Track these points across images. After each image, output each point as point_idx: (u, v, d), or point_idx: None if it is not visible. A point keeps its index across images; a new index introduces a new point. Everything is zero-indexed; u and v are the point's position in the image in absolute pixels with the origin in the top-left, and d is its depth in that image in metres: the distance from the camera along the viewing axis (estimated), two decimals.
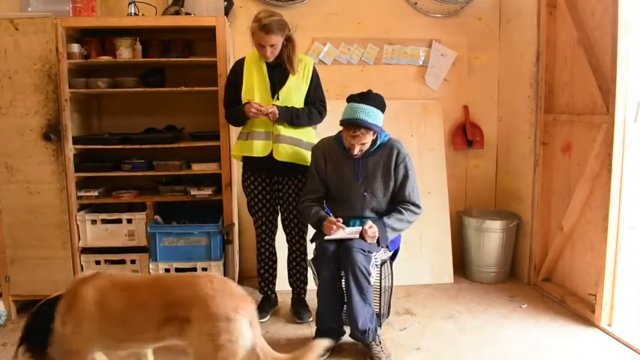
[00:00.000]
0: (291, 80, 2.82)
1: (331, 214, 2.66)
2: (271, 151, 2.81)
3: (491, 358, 2.64)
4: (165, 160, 3.21)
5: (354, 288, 2.49)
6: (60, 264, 3.08)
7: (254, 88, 2.80)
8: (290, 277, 3.10)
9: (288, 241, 3.05)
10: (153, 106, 3.46)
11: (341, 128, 2.69)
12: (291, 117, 2.79)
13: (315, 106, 2.88)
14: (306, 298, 3.10)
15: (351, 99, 2.60)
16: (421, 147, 3.74)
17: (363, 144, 2.59)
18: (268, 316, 3.02)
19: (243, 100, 2.81)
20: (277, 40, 2.70)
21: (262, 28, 2.64)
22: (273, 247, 3.07)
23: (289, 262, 3.09)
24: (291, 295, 3.14)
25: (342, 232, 2.57)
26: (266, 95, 2.80)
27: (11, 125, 2.99)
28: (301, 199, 2.79)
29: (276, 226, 3.05)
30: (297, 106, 2.84)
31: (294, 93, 2.84)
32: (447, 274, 3.68)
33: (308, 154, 2.89)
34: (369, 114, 2.52)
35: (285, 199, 2.95)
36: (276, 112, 2.73)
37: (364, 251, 2.50)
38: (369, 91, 2.62)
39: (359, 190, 2.67)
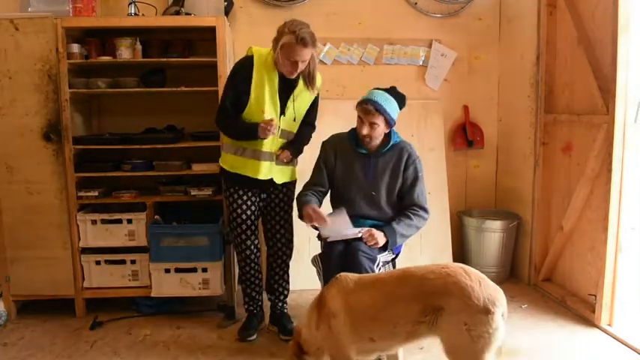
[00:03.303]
0: (302, 97, 2.67)
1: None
2: (273, 178, 2.70)
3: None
4: (166, 160, 3.21)
5: None
6: (60, 264, 3.08)
7: (265, 101, 2.56)
8: (271, 292, 2.94)
9: (271, 255, 2.90)
10: (153, 106, 3.46)
11: (349, 127, 2.70)
12: (297, 153, 2.77)
13: (310, 129, 2.82)
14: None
15: (373, 89, 2.63)
16: (421, 147, 3.72)
17: (373, 124, 2.54)
18: (256, 334, 2.85)
19: (251, 110, 2.58)
20: (309, 55, 2.48)
21: (301, 41, 2.39)
22: (259, 265, 2.89)
23: (271, 277, 2.93)
24: (269, 307, 2.99)
25: (339, 231, 2.53)
26: (274, 110, 2.60)
27: (11, 125, 2.99)
28: (302, 190, 2.74)
29: (259, 242, 2.89)
30: (299, 123, 2.74)
31: (302, 112, 2.72)
32: None
33: (294, 169, 2.86)
34: (385, 100, 2.54)
35: (271, 208, 2.82)
36: (290, 156, 2.70)
37: (369, 255, 2.49)
38: (393, 87, 2.64)
39: (367, 188, 2.65)
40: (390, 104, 2.56)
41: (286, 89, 2.63)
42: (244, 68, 2.59)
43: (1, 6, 3.25)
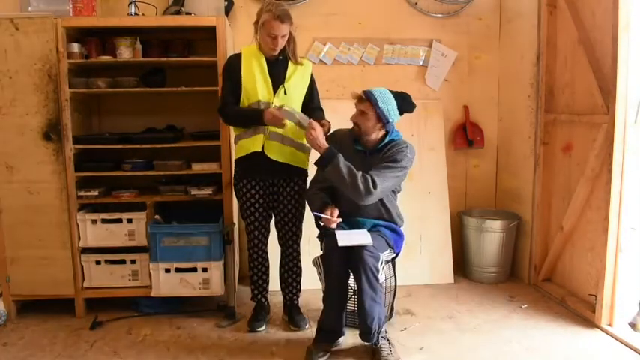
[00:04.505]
0: (294, 76, 2.79)
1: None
2: (264, 150, 2.74)
3: (492, 357, 2.64)
4: (166, 160, 3.21)
5: (366, 288, 2.48)
6: (60, 264, 3.08)
7: (256, 84, 2.73)
8: (282, 282, 3.03)
9: (281, 245, 2.98)
10: (153, 106, 3.46)
11: (348, 127, 2.70)
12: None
13: (320, 112, 2.87)
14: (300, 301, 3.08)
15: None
16: (421, 147, 3.74)
17: (363, 113, 2.56)
18: (265, 325, 2.96)
19: (247, 92, 2.74)
20: (287, 31, 2.69)
21: (277, 18, 2.62)
22: (266, 253, 3.00)
23: (282, 267, 3.02)
24: (282, 298, 3.08)
25: (351, 237, 2.52)
26: (267, 91, 2.74)
27: (11, 125, 2.99)
28: (310, 187, 2.77)
29: (269, 231, 2.99)
30: (298, 103, 2.81)
31: (297, 89, 2.81)
32: (448, 274, 3.68)
33: (305, 157, 2.87)
34: (381, 94, 2.53)
35: (280, 201, 2.89)
36: (329, 127, 2.75)
37: (373, 253, 2.50)
38: (404, 92, 2.62)
39: None
40: (386, 102, 2.54)
41: (279, 72, 2.77)
42: (233, 61, 2.82)
43: (1, 6, 3.25)
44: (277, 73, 2.77)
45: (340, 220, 2.57)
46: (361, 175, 2.47)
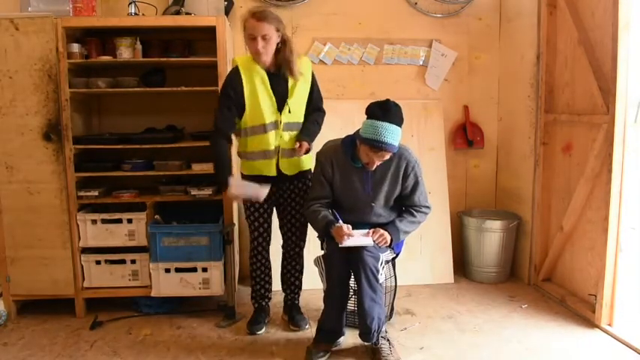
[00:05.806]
0: (297, 88, 2.70)
1: (340, 220, 2.58)
2: (281, 170, 2.73)
3: (492, 357, 2.64)
4: (166, 160, 3.21)
5: (366, 288, 2.48)
6: (60, 264, 3.08)
7: (260, 106, 2.63)
8: (284, 282, 3.03)
9: (283, 247, 2.98)
10: (153, 106, 3.46)
11: (344, 133, 2.68)
12: (313, 140, 2.77)
13: (319, 114, 2.83)
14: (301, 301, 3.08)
15: (373, 114, 2.44)
16: (421, 147, 3.74)
17: (383, 160, 2.55)
18: (264, 328, 2.94)
19: (249, 118, 2.66)
20: (269, 31, 2.54)
21: (254, 16, 2.54)
22: (268, 261, 2.97)
23: (284, 267, 3.02)
24: (282, 298, 3.08)
25: (354, 239, 2.52)
26: (272, 110, 2.66)
27: (11, 125, 2.99)
28: (307, 204, 2.72)
29: (271, 236, 2.95)
30: (303, 113, 2.77)
31: (301, 100, 2.74)
32: (448, 274, 3.68)
33: (306, 161, 2.86)
34: (394, 135, 2.42)
35: (282, 203, 2.88)
36: (310, 147, 2.72)
37: (373, 254, 2.50)
38: (389, 104, 2.46)
39: (367, 200, 2.64)
40: (398, 136, 2.46)
41: (281, 87, 2.68)
42: (233, 80, 2.66)
43: (1, 6, 3.25)
44: (280, 87, 2.67)
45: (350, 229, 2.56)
46: (418, 215, 2.69)
